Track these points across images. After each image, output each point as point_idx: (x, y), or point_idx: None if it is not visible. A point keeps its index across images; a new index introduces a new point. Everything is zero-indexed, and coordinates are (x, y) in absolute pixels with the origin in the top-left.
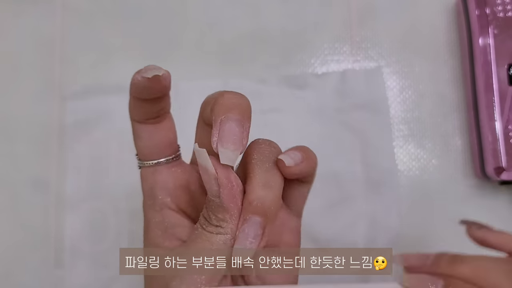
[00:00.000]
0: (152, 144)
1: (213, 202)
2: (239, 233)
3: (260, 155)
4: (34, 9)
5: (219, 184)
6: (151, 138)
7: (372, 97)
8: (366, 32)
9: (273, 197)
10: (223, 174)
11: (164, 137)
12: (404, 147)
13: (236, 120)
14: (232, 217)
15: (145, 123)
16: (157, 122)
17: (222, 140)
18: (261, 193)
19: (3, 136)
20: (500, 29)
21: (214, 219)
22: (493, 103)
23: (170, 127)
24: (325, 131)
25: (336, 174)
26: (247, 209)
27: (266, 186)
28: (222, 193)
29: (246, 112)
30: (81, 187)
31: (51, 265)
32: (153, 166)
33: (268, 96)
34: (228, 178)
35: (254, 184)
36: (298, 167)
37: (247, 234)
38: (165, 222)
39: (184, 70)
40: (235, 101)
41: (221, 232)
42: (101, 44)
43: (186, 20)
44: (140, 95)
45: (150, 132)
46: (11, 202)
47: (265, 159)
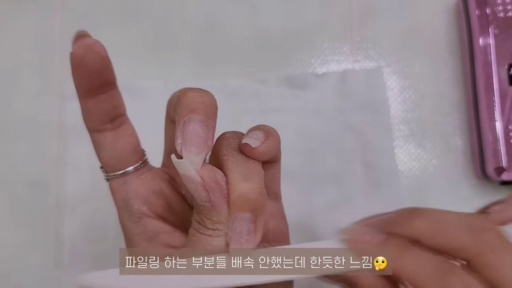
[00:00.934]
0: (116, 154)
1: (204, 207)
2: (232, 233)
3: (230, 149)
4: (34, 9)
5: (207, 189)
6: (113, 147)
7: (372, 97)
8: (366, 32)
9: (257, 188)
10: (209, 178)
11: (127, 144)
12: (405, 147)
13: (200, 121)
14: (228, 217)
15: (103, 131)
16: (116, 128)
17: (186, 143)
18: (243, 188)
19: (3, 136)
20: (500, 29)
21: (209, 223)
22: (493, 103)
23: (131, 132)
24: (325, 131)
25: (336, 174)
26: (233, 207)
27: (246, 179)
28: (212, 197)
29: (210, 111)
30: (81, 187)
31: (51, 265)
32: (121, 177)
33: (268, 96)
34: (215, 181)
35: (233, 180)
36: (265, 144)
37: (240, 232)
38: (148, 232)
39: (184, 70)
40: (198, 99)
41: (220, 234)
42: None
43: (185, 20)
44: (81, 79)
45: (111, 140)
46: (11, 202)
47: (236, 152)
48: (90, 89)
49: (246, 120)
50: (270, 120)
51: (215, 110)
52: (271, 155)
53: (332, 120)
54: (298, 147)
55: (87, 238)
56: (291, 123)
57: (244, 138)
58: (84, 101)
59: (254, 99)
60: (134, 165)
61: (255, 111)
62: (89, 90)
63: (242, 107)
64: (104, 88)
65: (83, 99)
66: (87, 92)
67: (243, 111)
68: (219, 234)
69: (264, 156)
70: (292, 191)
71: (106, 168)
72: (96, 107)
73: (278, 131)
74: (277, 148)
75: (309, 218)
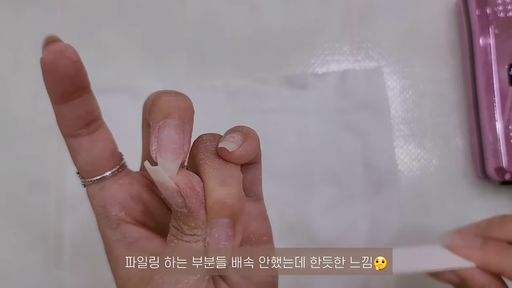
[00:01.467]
0: (92, 159)
1: (181, 213)
2: (210, 239)
3: (206, 153)
4: (34, 9)
5: (183, 195)
6: (89, 152)
7: (373, 97)
8: (367, 32)
9: (234, 193)
10: (185, 184)
11: (104, 149)
12: (405, 147)
13: (175, 126)
14: (205, 222)
15: (78, 136)
16: (91, 133)
17: (160, 150)
18: (220, 193)
19: (3, 136)
20: (500, 29)
21: (186, 228)
22: (493, 103)
23: (107, 136)
24: (325, 131)
25: (336, 174)
26: (210, 213)
27: (223, 183)
28: (189, 203)
29: (186, 115)
30: (81, 187)
31: (51, 265)
32: (98, 183)
33: (268, 96)
34: (191, 187)
35: (210, 186)
36: (243, 147)
37: (218, 239)
38: (127, 238)
39: (184, 70)
40: (173, 103)
41: (198, 240)
42: (100, 44)
43: (185, 19)
44: (53, 85)
45: (87, 145)
46: (11, 202)
47: (213, 156)
48: (63, 94)
49: (246, 120)
50: (270, 120)
51: (191, 114)
52: (249, 158)
53: (332, 120)
54: (298, 147)
55: (87, 238)
56: (291, 123)
57: (221, 141)
58: (57, 107)
59: (254, 99)
60: (111, 170)
61: (255, 111)
62: (62, 95)
63: (242, 107)
64: (77, 93)
65: (56, 105)
66: (60, 98)
67: (243, 111)
68: (197, 240)
69: (242, 159)
70: (292, 191)
71: (83, 174)
72: (70, 112)
73: (278, 131)
74: (256, 150)
75: (309, 218)
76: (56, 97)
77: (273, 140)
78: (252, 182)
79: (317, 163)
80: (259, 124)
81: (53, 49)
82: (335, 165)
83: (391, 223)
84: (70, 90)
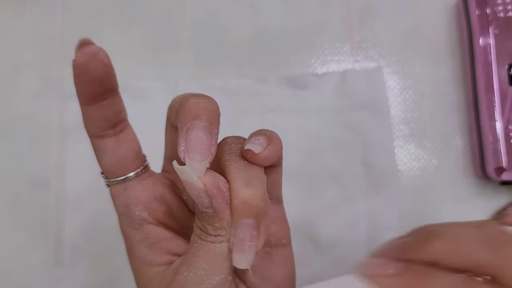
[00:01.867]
0: (118, 160)
1: (206, 213)
2: (234, 240)
3: (232, 154)
4: (35, 9)
5: (209, 196)
6: (115, 153)
7: (373, 97)
8: (366, 32)
9: (259, 194)
10: (212, 185)
11: (129, 150)
12: (405, 147)
13: (203, 128)
14: (230, 223)
15: (104, 136)
16: (117, 134)
17: (189, 150)
18: (246, 194)
19: (3, 136)
20: (500, 29)
21: (211, 229)
22: (493, 103)
23: (132, 137)
24: (325, 131)
25: (336, 174)
26: (235, 214)
27: (249, 184)
28: (215, 203)
29: (213, 117)
30: (81, 187)
31: (51, 264)
32: (122, 183)
33: (268, 96)
34: (217, 187)
35: (235, 187)
36: (267, 150)
37: (243, 239)
38: (149, 238)
39: (184, 70)
40: (201, 105)
41: (222, 241)
42: (101, 44)
43: (185, 19)
44: (83, 86)
45: (113, 146)
46: (12, 202)
47: (238, 157)
48: (92, 96)
49: (246, 120)
50: (270, 120)
51: (218, 116)
52: (273, 160)
53: (332, 120)
54: (298, 147)
55: (88, 237)
56: (291, 123)
57: (246, 144)
58: (85, 108)
59: (254, 99)
60: (135, 171)
61: (255, 111)
62: (91, 97)
63: (242, 107)
64: (106, 95)
65: (84, 106)
66: (89, 99)
67: (243, 111)
68: (221, 240)
69: (267, 161)
70: (292, 191)
71: (107, 174)
72: (98, 113)
73: (278, 131)
74: (279, 153)
75: (309, 218)
76: (85, 98)
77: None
78: (273, 184)
79: (317, 163)
80: (259, 124)
81: (86, 52)
82: (335, 165)
83: (391, 223)
84: (100, 92)
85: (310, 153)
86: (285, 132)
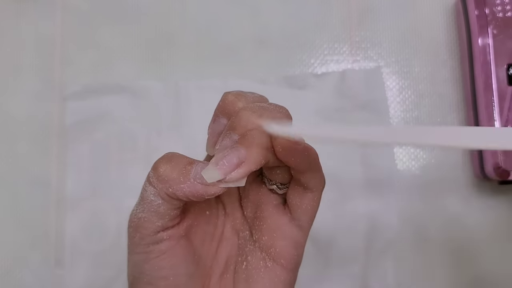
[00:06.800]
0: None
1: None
2: (220, 154)
3: (247, 101)
4: (34, 9)
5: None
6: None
7: (372, 97)
8: (366, 32)
9: (267, 140)
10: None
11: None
12: (404, 147)
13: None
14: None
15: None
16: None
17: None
18: (257, 133)
19: (3, 136)
20: (499, 29)
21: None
22: (492, 103)
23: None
24: None
25: (336, 174)
26: (239, 140)
27: (265, 131)
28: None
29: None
30: (81, 187)
31: (51, 264)
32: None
33: (268, 96)
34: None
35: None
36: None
37: (225, 156)
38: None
39: (184, 70)
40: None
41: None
42: (101, 44)
43: (185, 19)
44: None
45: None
46: (12, 202)
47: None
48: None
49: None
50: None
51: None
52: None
53: (332, 120)
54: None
55: (88, 237)
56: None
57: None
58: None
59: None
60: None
61: None
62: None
63: None
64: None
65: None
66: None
67: None
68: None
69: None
70: None
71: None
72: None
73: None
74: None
75: None
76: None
77: None
78: (301, 207)
79: None
80: None
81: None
82: (334, 165)
83: (391, 223)
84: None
85: None
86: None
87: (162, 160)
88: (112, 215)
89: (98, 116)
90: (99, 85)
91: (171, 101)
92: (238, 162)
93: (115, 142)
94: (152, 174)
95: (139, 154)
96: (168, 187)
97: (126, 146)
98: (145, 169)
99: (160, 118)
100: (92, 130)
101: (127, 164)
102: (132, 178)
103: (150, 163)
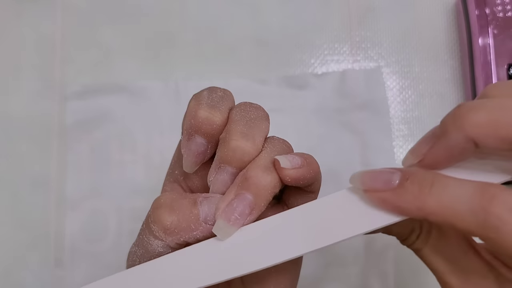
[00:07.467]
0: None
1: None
2: (227, 207)
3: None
4: (34, 9)
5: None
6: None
7: (372, 97)
8: (366, 32)
9: (271, 179)
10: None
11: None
12: (404, 147)
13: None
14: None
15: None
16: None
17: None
18: (260, 174)
19: (3, 136)
20: (499, 29)
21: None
22: None
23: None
24: (325, 131)
25: (336, 174)
26: (241, 185)
27: (267, 169)
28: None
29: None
30: (81, 187)
31: (51, 264)
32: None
33: (268, 96)
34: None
35: (254, 165)
36: (295, 170)
37: (235, 209)
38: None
39: (184, 70)
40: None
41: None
42: (101, 44)
43: (186, 19)
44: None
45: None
46: (11, 201)
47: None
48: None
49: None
50: (270, 119)
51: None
52: (300, 183)
53: (332, 120)
54: (297, 147)
55: (87, 237)
56: (290, 123)
57: (280, 156)
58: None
59: (254, 99)
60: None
61: None
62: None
63: None
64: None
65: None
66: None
67: None
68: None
69: (289, 180)
70: None
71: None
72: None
73: (277, 131)
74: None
75: None
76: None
77: None
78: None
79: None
80: None
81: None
82: (334, 164)
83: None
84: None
85: (309, 153)
86: (284, 132)
87: (163, 211)
88: (112, 215)
89: (98, 116)
90: (99, 85)
91: (171, 101)
92: (249, 211)
93: (115, 142)
94: (157, 228)
95: (139, 154)
96: (179, 237)
97: (126, 146)
98: (145, 169)
99: (160, 118)
100: (92, 130)
101: (127, 164)
102: (132, 178)
103: (150, 163)
